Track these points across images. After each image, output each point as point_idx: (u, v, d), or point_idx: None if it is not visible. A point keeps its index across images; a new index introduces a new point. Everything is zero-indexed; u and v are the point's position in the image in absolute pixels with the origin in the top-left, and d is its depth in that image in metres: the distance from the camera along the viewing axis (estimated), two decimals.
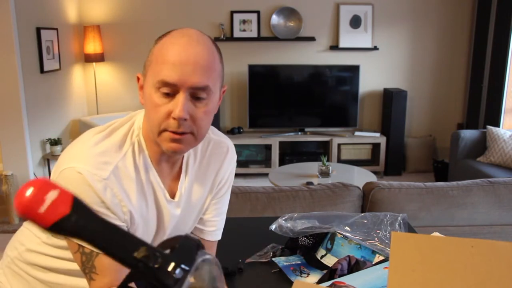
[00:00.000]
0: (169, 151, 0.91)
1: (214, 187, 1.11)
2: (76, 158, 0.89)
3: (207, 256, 0.61)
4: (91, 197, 0.87)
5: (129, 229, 0.94)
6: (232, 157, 1.13)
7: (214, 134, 1.11)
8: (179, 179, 1.03)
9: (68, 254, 0.98)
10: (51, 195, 0.58)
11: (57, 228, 0.57)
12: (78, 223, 0.58)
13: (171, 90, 0.86)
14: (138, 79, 0.95)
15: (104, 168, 0.89)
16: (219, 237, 1.16)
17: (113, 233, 0.61)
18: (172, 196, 1.01)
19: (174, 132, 0.87)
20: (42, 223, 0.56)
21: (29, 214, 0.56)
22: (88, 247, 0.87)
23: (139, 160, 0.95)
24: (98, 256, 0.89)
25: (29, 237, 1.07)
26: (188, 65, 0.85)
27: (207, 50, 0.88)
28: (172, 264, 0.59)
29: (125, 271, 0.86)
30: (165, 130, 0.88)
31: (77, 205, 0.58)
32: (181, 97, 0.85)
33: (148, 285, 0.61)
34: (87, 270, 0.91)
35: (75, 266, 0.97)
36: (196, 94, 0.87)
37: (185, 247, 0.62)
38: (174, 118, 0.86)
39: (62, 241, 1.00)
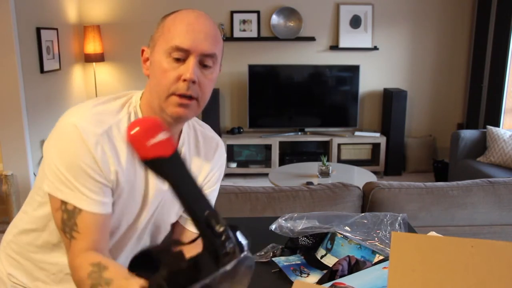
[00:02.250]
0: (174, 116, 0.95)
1: (204, 177, 1.13)
2: (74, 114, 0.94)
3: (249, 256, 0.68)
4: (82, 150, 0.90)
5: (114, 191, 0.95)
6: (222, 152, 1.17)
7: (204, 128, 1.17)
8: None
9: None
10: (162, 135, 0.66)
11: (153, 163, 0.66)
12: (172, 167, 0.67)
13: (182, 56, 0.92)
14: (143, 51, 1.01)
15: (98, 125, 0.93)
16: None
17: (195, 188, 0.69)
18: None
19: (182, 96, 0.93)
20: (144, 154, 0.65)
21: (137, 143, 0.65)
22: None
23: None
24: (81, 214, 0.90)
25: (22, 218, 1.09)
26: (200, 33, 0.93)
27: (214, 24, 1.00)
28: (230, 240, 0.66)
29: (106, 234, 0.92)
30: (173, 94, 0.93)
31: (177, 154, 0.67)
32: (191, 61, 0.92)
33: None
34: (68, 229, 0.91)
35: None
36: (204, 61, 0.94)
37: (243, 234, 0.70)
38: (184, 80, 0.92)
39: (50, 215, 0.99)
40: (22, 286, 1.11)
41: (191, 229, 1.14)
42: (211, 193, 1.16)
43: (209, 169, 1.13)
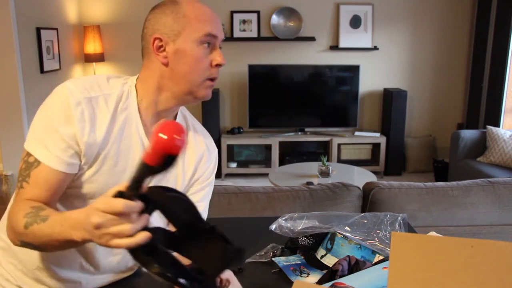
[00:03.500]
0: (205, 97, 1.05)
1: (191, 173, 1.15)
2: (69, 80, 1.01)
3: None
4: (62, 108, 0.94)
5: (85, 158, 0.97)
6: (214, 149, 1.21)
7: (195, 122, 1.20)
8: None
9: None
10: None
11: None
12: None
13: (211, 42, 1.01)
14: (155, 40, 1.01)
15: (86, 91, 0.97)
16: None
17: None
18: None
19: (214, 79, 1.04)
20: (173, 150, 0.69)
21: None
22: (38, 159, 0.94)
23: (123, 105, 1.01)
24: (38, 167, 0.94)
25: (4, 218, 1.11)
26: (219, 24, 1.04)
27: None
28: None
29: (57, 192, 0.96)
30: (208, 78, 1.02)
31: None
32: (218, 48, 1.03)
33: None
34: (21, 178, 0.96)
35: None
36: (220, 45, 1.05)
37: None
38: (218, 65, 1.02)
39: None
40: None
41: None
42: (204, 191, 1.17)
43: (203, 164, 1.16)
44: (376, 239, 1.17)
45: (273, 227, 1.26)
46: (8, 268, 1.11)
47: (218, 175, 4.75)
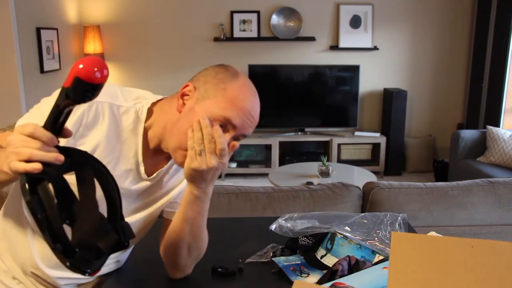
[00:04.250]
0: (181, 166, 0.98)
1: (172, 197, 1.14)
2: None
3: None
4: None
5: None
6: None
7: None
8: (158, 163, 1.07)
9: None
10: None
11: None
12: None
13: (226, 127, 0.96)
14: (186, 86, 0.99)
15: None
16: None
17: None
18: (148, 175, 1.05)
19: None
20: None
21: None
22: None
23: (130, 124, 0.99)
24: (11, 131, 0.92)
25: None
26: (252, 120, 0.99)
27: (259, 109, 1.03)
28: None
29: None
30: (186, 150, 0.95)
31: None
32: (229, 136, 0.97)
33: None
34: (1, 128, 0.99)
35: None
36: (238, 137, 1.00)
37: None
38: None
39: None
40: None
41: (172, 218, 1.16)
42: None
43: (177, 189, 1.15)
44: (376, 239, 1.17)
45: (273, 227, 1.26)
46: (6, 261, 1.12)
47: (218, 175, 4.74)
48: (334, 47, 4.93)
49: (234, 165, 4.81)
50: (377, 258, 1.14)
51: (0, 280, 1.11)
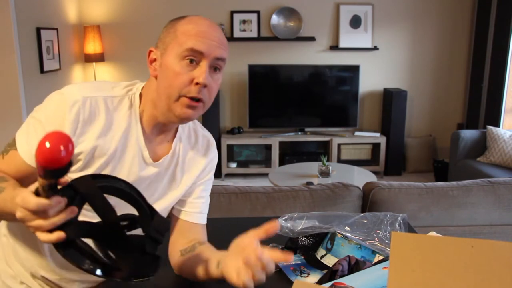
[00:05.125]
0: (181, 116, 0.98)
1: (200, 172, 1.15)
2: (72, 84, 1.00)
3: None
4: (57, 106, 0.94)
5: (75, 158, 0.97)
6: (214, 149, 1.20)
7: (196, 125, 1.19)
8: (162, 149, 1.08)
9: None
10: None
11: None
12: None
13: (196, 58, 0.96)
14: (150, 52, 1.02)
15: (85, 91, 0.96)
16: (203, 220, 1.19)
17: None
18: (154, 160, 1.06)
19: (192, 99, 0.97)
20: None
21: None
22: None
23: (125, 112, 1.01)
24: (15, 152, 0.97)
25: None
26: (214, 41, 0.97)
27: (223, 34, 1.03)
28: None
29: (27, 179, 0.98)
30: (184, 95, 0.96)
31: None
32: (204, 66, 0.96)
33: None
34: (3, 149, 1.01)
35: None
36: (215, 65, 0.98)
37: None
38: (197, 84, 0.95)
39: None
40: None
41: (192, 220, 1.16)
42: (205, 183, 1.18)
43: (203, 165, 1.16)
44: (376, 239, 1.17)
45: None
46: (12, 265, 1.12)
47: (218, 175, 4.75)
48: (334, 47, 4.93)
49: (234, 165, 4.81)
50: (377, 258, 1.14)
51: (8, 285, 1.11)
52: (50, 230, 0.73)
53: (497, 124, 4.45)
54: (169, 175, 1.10)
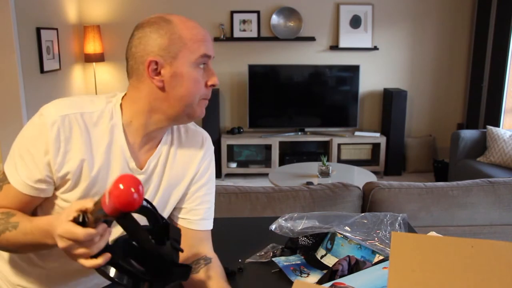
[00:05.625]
0: (201, 116, 1.05)
1: (193, 174, 1.13)
2: (54, 101, 0.99)
3: None
4: (38, 128, 0.93)
5: (62, 176, 0.96)
6: (209, 147, 1.18)
7: (193, 125, 1.17)
8: (146, 155, 1.06)
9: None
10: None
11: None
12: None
13: (206, 62, 1.01)
14: (150, 63, 0.96)
15: (63, 109, 0.95)
16: (208, 226, 1.16)
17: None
18: (140, 167, 1.05)
19: (207, 99, 1.05)
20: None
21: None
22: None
23: (107, 125, 0.99)
24: (9, 185, 0.96)
25: None
26: (210, 40, 1.02)
27: None
28: None
29: (27, 209, 1.00)
30: (203, 98, 1.03)
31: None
32: (211, 67, 1.03)
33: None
34: None
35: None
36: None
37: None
38: (213, 86, 1.02)
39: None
40: None
41: (193, 227, 1.14)
42: (205, 187, 1.15)
43: (197, 164, 1.14)
44: (376, 239, 1.17)
45: (273, 227, 1.26)
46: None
47: (218, 175, 4.75)
48: (334, 47, 4.93)
49: (234, 165, 4.81)
50: (377, 258, 1.14)
51: None
52: (95, 255, 0.77)
53: (497, 124, 4.45)
54: (158, 175, 1.08)
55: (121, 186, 0.71)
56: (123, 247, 0.82)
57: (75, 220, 0.76)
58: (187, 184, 1.13)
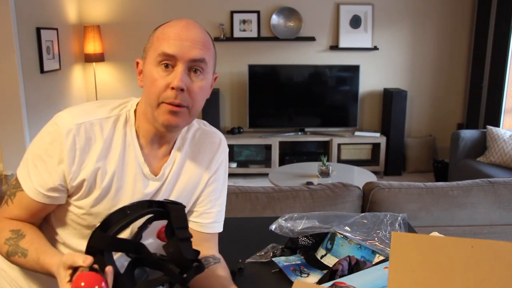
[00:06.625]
0: (165, 124, 0.95)
1: (208, 177, 1.11)
2: (65, 109, 0.99)
3: None
4: (53, 137, 0.93)
5: (77, 185, 0.96)
6: (224, 149, 1.16)
7: (206, 125, 1.16)
8: (161, 162, 1.05)
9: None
10: None
11: None
12: None
13: (170, 62, 0.92)
14: (137, 64, 1.02)
15: (78, 118, 0.95)
16: (218, 229, 1.16)
17: None
18: (155, 174, 1.04)
19: (171, 104, 0.92)
20: None
21: None
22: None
23: (121, 131, 0.99)
24: (22, 192, 0.96)
25: None
26: (187, 41, 0.93)
27: (204, 31, 0.98)
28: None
29: (39, 217, 1.02)
30: (162, 102, 0.93)
31: None
32: (179, 69, 0.92)
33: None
34: (9, 193, 1.00)
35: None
36: (194, 67, 0.94)
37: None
38: (172, 88, 0.91)
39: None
40: None
41: (204, 230, 1.13)
42: (217, 190, 1.14)
43: (212, 166, 1.12)
44: (376, 239, 1.17)
45: (273, 227, 1.26)
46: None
47: None
48: (334, 47, 4.93)
49: (234, 165, 4.81)
50: (377, 258, 1.14)
51: None
52: None
53: (497, 124, 4.45)
54: (172, 181, 1.07)
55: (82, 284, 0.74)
56: (131, 270, 0.87)
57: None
58: (202, 187, 1.12)
